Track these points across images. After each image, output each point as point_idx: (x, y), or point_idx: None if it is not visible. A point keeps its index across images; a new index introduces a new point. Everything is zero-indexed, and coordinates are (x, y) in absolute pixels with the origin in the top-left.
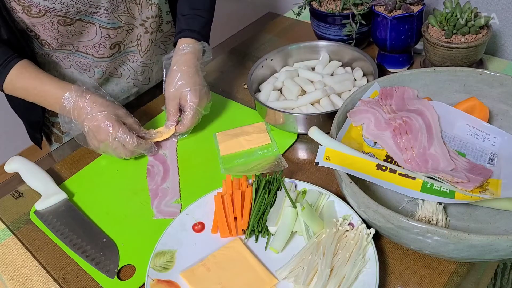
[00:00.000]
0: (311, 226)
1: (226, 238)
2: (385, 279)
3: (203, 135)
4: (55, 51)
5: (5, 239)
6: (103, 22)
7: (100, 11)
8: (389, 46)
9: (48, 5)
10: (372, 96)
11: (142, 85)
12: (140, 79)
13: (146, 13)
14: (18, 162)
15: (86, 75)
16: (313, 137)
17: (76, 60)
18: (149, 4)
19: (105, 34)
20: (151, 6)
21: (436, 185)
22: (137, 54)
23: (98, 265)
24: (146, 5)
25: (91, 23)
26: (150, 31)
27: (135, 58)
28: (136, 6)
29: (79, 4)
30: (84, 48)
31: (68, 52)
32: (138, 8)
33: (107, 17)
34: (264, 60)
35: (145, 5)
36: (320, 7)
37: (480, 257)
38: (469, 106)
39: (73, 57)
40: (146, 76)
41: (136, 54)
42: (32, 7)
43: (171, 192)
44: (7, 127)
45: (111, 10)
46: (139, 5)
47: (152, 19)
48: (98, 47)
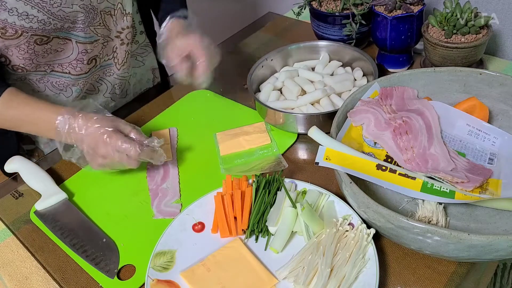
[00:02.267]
0: (311, 226)
1: (226, 238)
2: (385, 279)
3: (203, 135)
4: (28, 73)
5: (5, 239)
6: (80, 37)
7: (77, 25)
8: (389, 46)
9: (24, 24)
10: (372, 96)
11: (119, 99)
12: (118, 92)
13: (121, 24)
14: (18, 162)
15: (63, 95)
16: (313, 137)
17: (51, 80)
18: (124, 14)
19: (82, 50)
20: (126, 16)
21: (436, 185)
22: (113, 67)
23: (98, 265)
24: (120, 15)
25: (67, 39)
26: (126, 42)
27: (111, 71)
28: (111, 18)
29: (56, 21)
30: (60, 67)
31: (43, 73)
32: (113, 19)
33: (84, 31)
34: (264, 60)
35: (119, 16)
36: (320, 7)
37: (480, 257)
38: (469, 106)
39: (48, 78)
40: (123, 89)
41: (113, 67)
42: (8, 28)
43: (171, 192)
44: None
45: (88, 23)
46: (114, 16)
47: (127, 30)
48: (76, 64)
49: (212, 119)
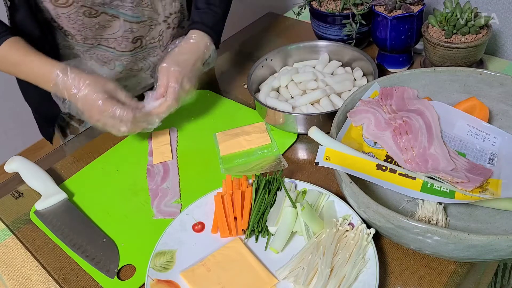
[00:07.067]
0: (311, 226)
1: (226, 238)
2: (385, 279)
3: (203, 135)
4: (77, 43)
5: (5, 239)
6: (127, 15)
7: (125, 4)
8: (389, 46)
9: None
10: (372, 96)
11: None
12: None
13: (169, 9)
14: (18, 162)
15: (107, 68)
16: (313, 137)
17: (97, 53)
18: (173, 0)
19: (128, 28)
20: (175, 2)
21: (436, 185)
22: (158, 49)
23: (98, 265)
24: (170, 1)
25: (115, 16)
26: (172, 26)
27: (155, 53)
28: (159, 2)
29: None
30: (106, 42)
31: (90, 46)
32: (162, 4)
33: (132, 10)
34: (264, 60)
35: (169, 1)
36: (320, 7)
37: (480, 257)
38: (469, 106)
39: (95, 51)
40: None
41: (157, 49)
42: None
43: (171, 192)
44: (7, 127)
45: (136, 3)
46: (164, 1)
47: (174, 15)
48: (121, 41)
49: (212, 119)
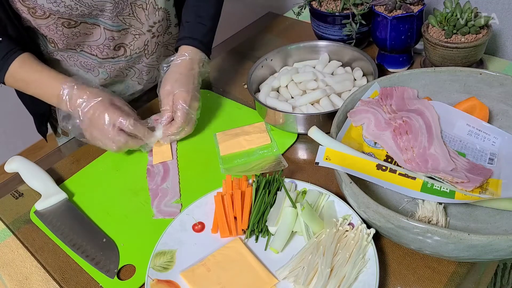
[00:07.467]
0: (311, 226)
1: (226, 238)
2: (385, 279)
3: (203, 135)
4: (60, 50)
5: (5, 239)
6: (107, 24)
7: (105, 13)
8: (389, 46)
9: (52, 7)
10: (372, 96)
11: (147, 84)
12: (145, 78)
13: (153, 19)
14: (18, 162)
15: (91, 74)
16: (313, 137)
17: (80, 60)
18: (156, 9)
19: (109, 36)
20: (158, 11)
21: (436, 185)
22: (143, 57)
23: (98, 265)
24: (153, 10)
25: (95, 24)
26: (157, 34)
27: (140, 60)
28: (143, 11)
29: (83, 7)
30: (89, 49)
31: (73, 51)
32: (145, 13)
33: (112, 20)
34: (264, 60)
35: (152, 11)
36: (320, 7)
37: (480, 257)
38: (469, 106)
39: (78, 57)
40: (152, 76)
41: (143, 57)
42: (37, 9)
43: (171, 192)
44: (7, 127)
45: (116, 13)
46: (146, 10)
47: (159, 24)
48: (102, 48)
49: (212, 119)
